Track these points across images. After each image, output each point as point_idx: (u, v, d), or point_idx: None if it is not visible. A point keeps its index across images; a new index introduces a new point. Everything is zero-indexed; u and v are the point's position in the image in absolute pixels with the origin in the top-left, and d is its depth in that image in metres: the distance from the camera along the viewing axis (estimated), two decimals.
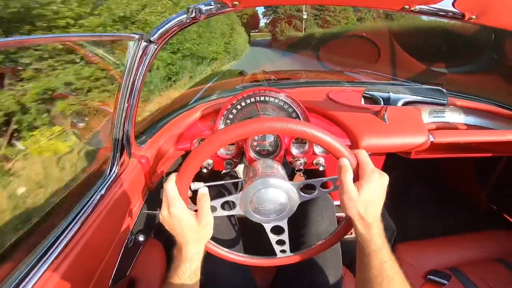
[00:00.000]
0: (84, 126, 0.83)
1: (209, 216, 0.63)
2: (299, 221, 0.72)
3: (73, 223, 0.67)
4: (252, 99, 1.03)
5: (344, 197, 0.59)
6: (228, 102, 1.03)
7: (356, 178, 0.60)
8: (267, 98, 1.04)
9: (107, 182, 0.78)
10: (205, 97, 1.24)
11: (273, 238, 0.73)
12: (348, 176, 0.58)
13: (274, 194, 0.66)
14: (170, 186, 0.61)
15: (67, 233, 0.65)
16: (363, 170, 0.59)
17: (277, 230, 0.72)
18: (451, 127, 1.20)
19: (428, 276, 1.07)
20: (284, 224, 0.71)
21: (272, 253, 0.77)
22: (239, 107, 1.04)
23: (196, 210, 0.62)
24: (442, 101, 0.97)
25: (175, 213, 0.60)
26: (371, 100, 1.18)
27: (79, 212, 0.70)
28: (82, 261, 0.64)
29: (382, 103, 1.04)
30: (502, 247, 1.21)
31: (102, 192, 0.76)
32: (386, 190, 0.61)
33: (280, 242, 0.75)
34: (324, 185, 0.70)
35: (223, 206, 0.67)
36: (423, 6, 0.70)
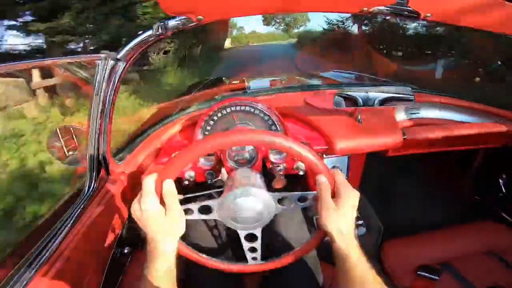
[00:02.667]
0: (61, 144, 0.84)
1: (177, 212, 0.62)
2: (267, 227, 0.74)
3: (53, 240, 0.68)
4: (228, 110, 1.05)
5: (324, 212, 0.62)
6: (205, 114, 1.04)
7: (333, 195, 0.63)
8: (242, 108, 1.05)
9: (86, 199, 0.79)
10: (184, 109, 1.26)
11: (246, 245, 0.75)
12: (328, 192, 0.62)
13: (251, 203, 0.67)
14: (149, 181, 0.61)
15: (48, 249, 0.65)
16: (339, 187, 0.63)
17: (250, 237, 0.74)
18: (426, 123, 1.22)
19: (419, 272, 1.08)
20: (258, 232, 0.73)
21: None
22: (215, 118, 1.05)
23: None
24: (409, 97, 1.00)
25: (145, 207, 0.59)
26: (349, 101, 1.21)
27: (59, 229, 0.71)
28: (65, 276, 0.64)
29: (361, 103, 1.07)
30: (490, 240, 1.22)
31: (82, 208, 0.77)
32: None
33: (252, 250, 0.76)
34: (300, 198, 0.72)
35: (200, 210, 0.68)
36: (380, 7, 0.73)
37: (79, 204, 0.78)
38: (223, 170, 1.11)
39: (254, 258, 0.77)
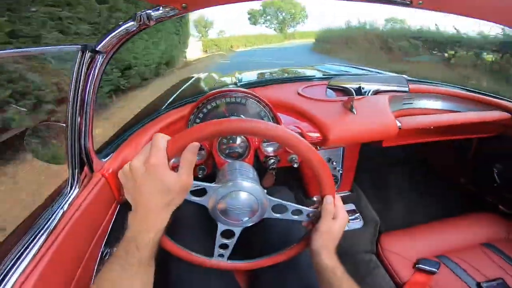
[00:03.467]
0: (39, 142, 0.80)
1: (190, 177, 0.55)
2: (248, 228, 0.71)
3: (35, 240, 0.64)
4: (218, 101, 1.02)
5: (321, 231, 0.66)
6: (194, 106, 1.01)
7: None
8: (233, 99, 1.02)
9: (68, 198, 0.75)
10: (174, 103, 1.22)
11: (219, 240, 0.71)
12: (331, 215, 0.67)
13: (245, 197, 0.64)
14: (162, 138, 0.54)
15: (29, 251, 0.61)
16: (337, 210, 0.68)
17: (228, 234, 0.71)
18: (420, 113, 1.20)
19: (417, 265, 1.07)
20: (238, 230, 0.70)
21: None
22: (205, 110, 1.02)
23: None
24: (404, 88, 0.98)
25: (155, 163, 0.51)
26: (342, 91, 1.19)
27: (40, 230, 0.67)
28: (48, 278, 0.60)
29: (354, 94, 1.04)
30: (486, 231, 1.21)
31: (64, 208, 0.73)
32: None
33: (224, 247, 0.73)
34: (295, 211, 0.70)
35: (193, 192, 0.62)
36: None
37: (61, 204, 0.74)
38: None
39: (220, 255, 0.74)
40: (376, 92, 1.06)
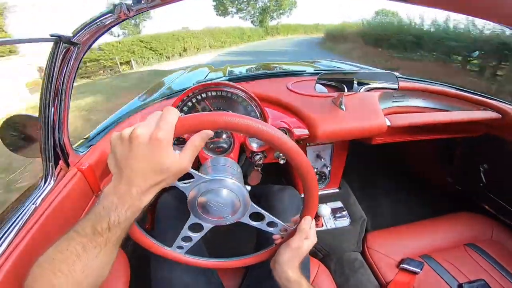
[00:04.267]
0: (16, 135, 0.77)
1: (190, 163, 0.50)
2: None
3: (1, 239, 0.61)
4: (204, 95, 0.99)
5: (292, 246, 0.67)
6: (178, 99, 0.98)
7: None
8: (218, 93, 1.00)
9: (41, 193, 0.73)
10: (161, 96, 1.19)
11: (185, 232, 0.67)
12: (305, 234, 0.67)
13: (229, 196, 0.61)
14: (174, 112, 0.48)
15: None
16: (310, 232, 0.69)
17: (197, 228, 0.67)
18: (410, 111, 1.19)
19: (401, 265, 1.07)
20: (208, 227, 0.67)
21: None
22: (190, 104, 1.00)
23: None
24: (393, 85, 0.96)
25: (160, 137, 0.44)
26: (332, 87, 1.17)
27: (9, 227, 0.64)
28: (18, 276, 0.59)
29: (345, 89, 1.03)
30: (470, 231, 1.21)
31: (37, 203, 0.71)
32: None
33: (187, 239, 0.69)
34: (271, 222, 0.68)
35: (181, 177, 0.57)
36: None
37: (34, 199, 0.71)
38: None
39: (180, 247, 0.70)
40: (366, 89, 1.04)
